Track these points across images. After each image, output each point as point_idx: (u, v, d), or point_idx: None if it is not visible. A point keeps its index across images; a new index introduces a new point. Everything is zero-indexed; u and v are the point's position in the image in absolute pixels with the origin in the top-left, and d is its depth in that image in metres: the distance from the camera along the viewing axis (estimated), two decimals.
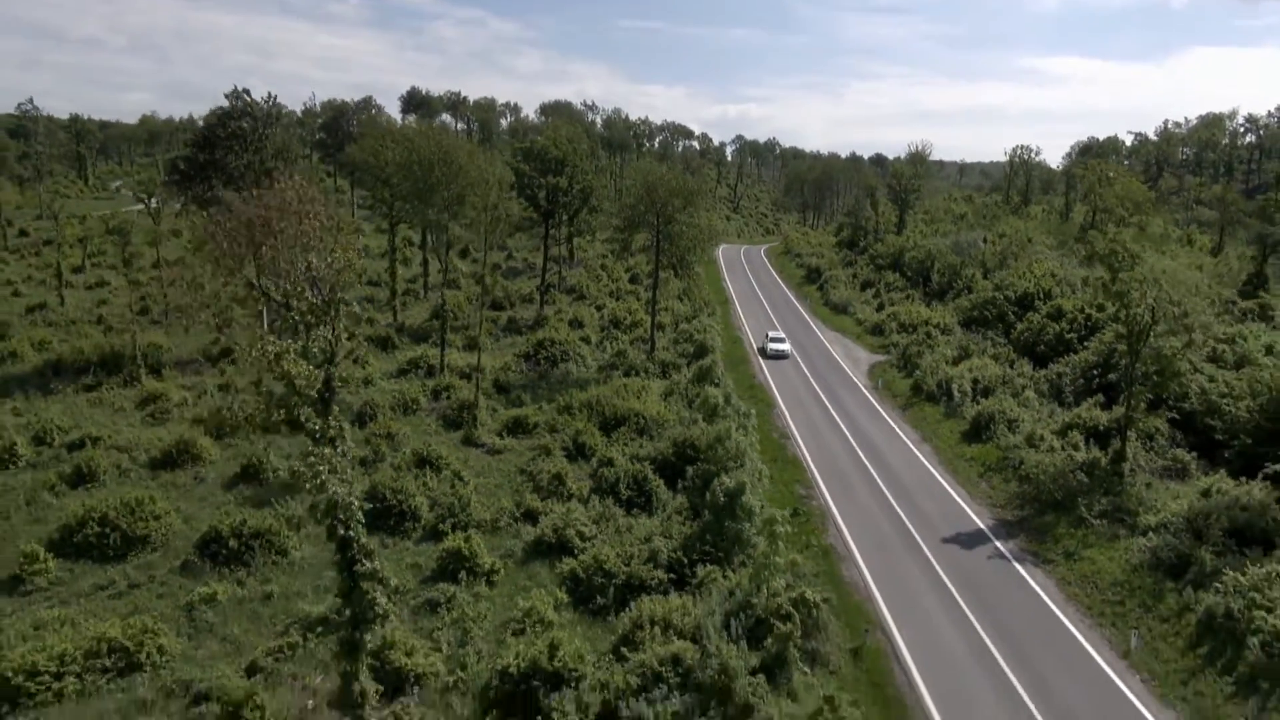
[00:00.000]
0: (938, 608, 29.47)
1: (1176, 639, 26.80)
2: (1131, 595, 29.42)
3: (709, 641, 24.67)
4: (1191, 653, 26.10)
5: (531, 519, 35.46)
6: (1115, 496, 35.51)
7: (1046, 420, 45.03)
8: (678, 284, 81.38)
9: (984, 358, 56.68)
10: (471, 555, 31.33)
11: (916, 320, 71.09)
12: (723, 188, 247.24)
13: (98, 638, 26.72)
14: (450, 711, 24.31)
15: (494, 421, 47.32)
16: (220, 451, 43.28)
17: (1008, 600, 30.05)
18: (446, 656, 26.48)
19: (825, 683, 24.57)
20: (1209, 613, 26.64)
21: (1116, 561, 31.42)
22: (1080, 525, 34.44)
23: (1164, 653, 26.49)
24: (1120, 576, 30.54)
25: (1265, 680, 24.03)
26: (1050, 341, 56.31)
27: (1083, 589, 30.61)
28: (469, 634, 27.59)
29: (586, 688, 24.30)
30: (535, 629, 27.13)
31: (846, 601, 29.63)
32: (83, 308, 77.17)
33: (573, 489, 37.95)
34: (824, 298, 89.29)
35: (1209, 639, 26.13)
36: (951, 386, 51.16)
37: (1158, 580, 29.49)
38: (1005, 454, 41.84)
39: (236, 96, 59.02)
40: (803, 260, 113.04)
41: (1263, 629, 24.98)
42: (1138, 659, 26.45)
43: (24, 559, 32.32)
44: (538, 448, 43.13)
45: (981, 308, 69.38)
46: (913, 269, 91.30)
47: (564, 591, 30.04)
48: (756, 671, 23.69)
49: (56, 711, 24.75)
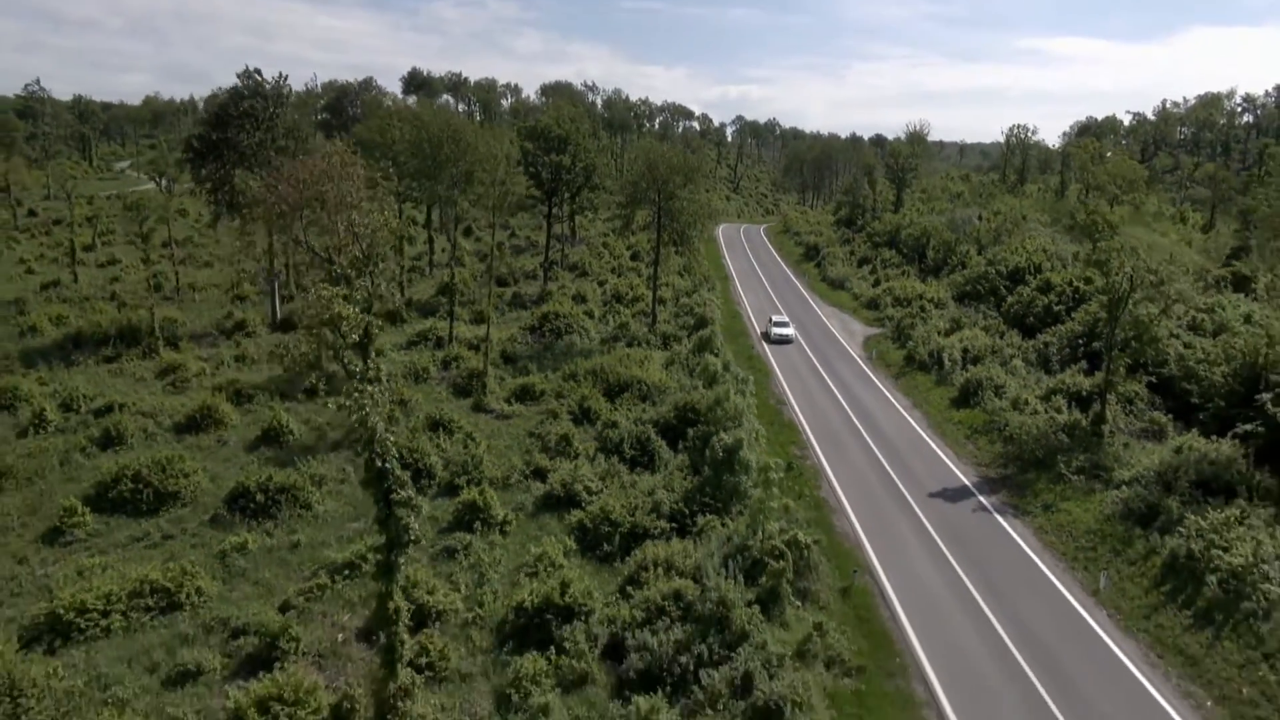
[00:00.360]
0: (922, 554, 31.53)
1: (1142, 579, 28.88)
2: (1103, 542, 31.49)
3: (708, 579, 26.70)
4: (1155, 590, 28.17)
5: (540, 476, 37.49)
6: (1093, 454, 37.50)
7: (1032, 386, 46.99)
8: (678, 260, 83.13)
9: (975, 329, 58.58)
10: (485, 507, 33.37)
11: (911, 295, 72.90)
12: (723, 168, 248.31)
13: (140, 580, 28.78)
14: (470, 643, 26.43)
15: (502, 389, 49.26)
16: (241, 417, 45.25)
17: (988, 547, 32.12)
18: (465, 596, 28.57)
19: (815, 616, 26.62)
20: (1172, 554, 28.70)
21: (1091, 512, 33.49)
22: (1059, 481, 36.47)
23: (1130, 591, 28.58)
24: (1094, 526, 32.60)
25: (1220, 613, 26.11)
26: (1039, 313, 58.16)
27: (1058, 537, 32.68)
28: (485, 576, 29.65)
29: (595, 620, 26.39)
30: (547, 571, 29.18)
31: (837, 548, 31.70)
32: (96, 285, 79.02)
33: (579, 449, 39.95)
34: (821, 274, 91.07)
35: (1172, 578, 28.19)
36: (942, 355, 53.09)
37: (1128, 528, 31.53)
38: (991, 417, 43.83)
39: (248, 76, 60.55)
40: (801, 238, 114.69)
41: (1220, 567, 27.02)
42: (1106, 597, 28.53)
43: (63, 512, 34.35)
44: (545, 412, 45.10)
45: (974, 282, 71.17)
46: (909, 246, 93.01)
47: (573, 540, 32.07)
48: (751, 604, 25.74)
49: (105, 644, 26.79)
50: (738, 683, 22.70)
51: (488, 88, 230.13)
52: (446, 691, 24.13)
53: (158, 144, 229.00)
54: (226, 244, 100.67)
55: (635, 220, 68.03)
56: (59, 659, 25.74)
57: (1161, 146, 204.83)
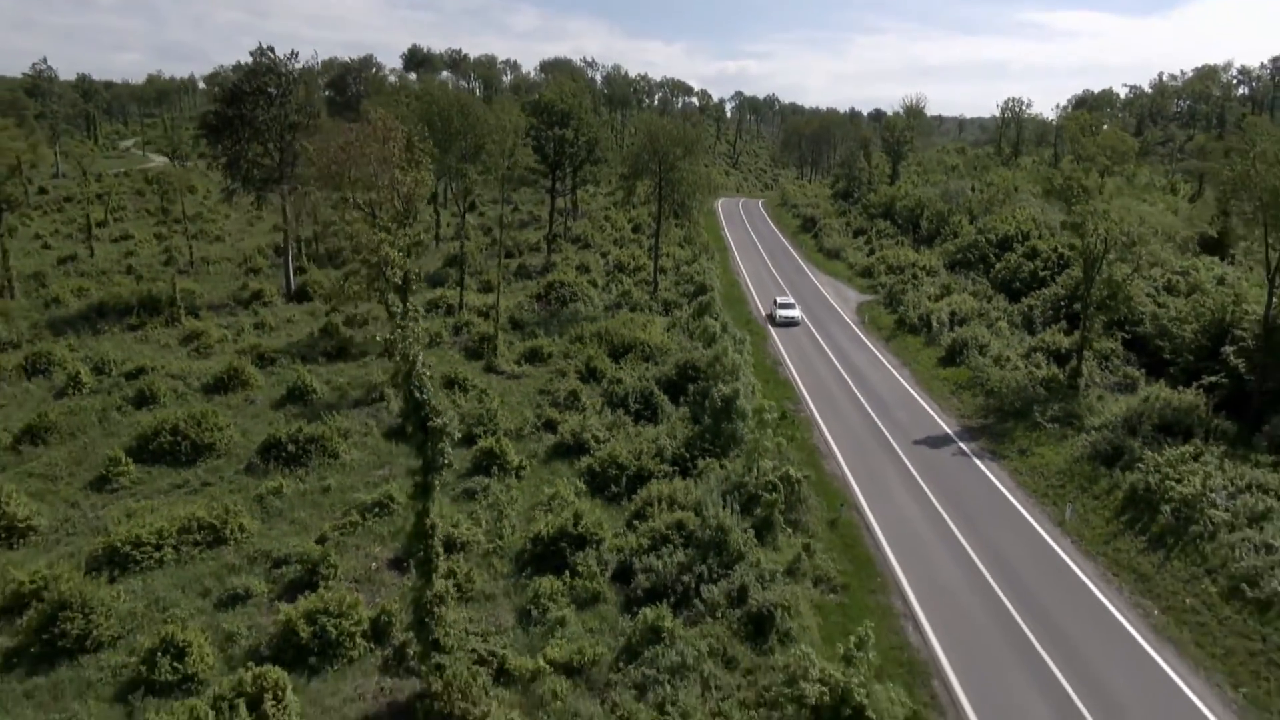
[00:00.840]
0: (904, 492, 34.22)
1: (1104, 510, 31.56)
2: (1071, 480, 34.16)
3: (708, 511, 29.33)
4: (1115, 520, 30.86)
5: (551, 428, 40.13)
6: (1067, 405, 40.09)
7: (1015, 346, 49.54)
8: (678, 232, 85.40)
9: (963, 294, 61.03)
10: (501, 453, 36.03)
11: (904, 263, 75.24)
12: (722, 143, 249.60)
13: (188, 517, 31.48)
14: (492, 568, 29.16)
15: (511, 352, 51.81)
16: (265, 378, 47.81)
17: (965, 486, 34.80)
18: (485, 530, 31.26)
19: (804, 541, 29.30)
20: (1132, 487, 31.36)
21: (1062, 455, 36.15)
22: (1035, 429, 39.09)
23: (1093, 521, 31.27)
24: (1063, 467, 35.27)
25: (1171, 537, 28.79)
26: (1025, 278, 60.60)
27: (1031, 477, 35.35)
28: (503, 513, 32.34)
29: (605, 548, 29.10)
30: (560, 508, 31.86)
31: (826, 487, 34.37)
32: (111, 259, 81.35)
33: (586, 404, 42.57)
34: (818, 245, 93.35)
35: (1130, 509, 30.86)
36: (931, 319, 55.60)
37: (1094, 467, 34.18)
38: (975, 374, 46.40)
39: (261, 54, 62.56)
40: (799, 211, 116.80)
41: (1173, 497, 29.67)
42: (1070, 526, 31.23)
43: (109, 462, 36.99)
44: (553, 372, 47.70)
45: (965, 250, 73.51)
46: (903, 217, 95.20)
47: (583, 482, 34.74)
48: (747, 531, 28.41)
49: (160, 574, 29.50)
50: (734, 594, 25.42)
51: (488, 64, 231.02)
52: (473, 609, 26.89)
53: (160, 122, 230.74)
54: (237, 219, 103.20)
55: (637, 192, 70.23)
56: (119, 586, 28.44)
57: (1158, 119, 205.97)
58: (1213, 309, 42.83)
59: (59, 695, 23.83)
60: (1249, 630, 24.31)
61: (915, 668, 23.62)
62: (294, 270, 68.89)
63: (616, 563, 28.86)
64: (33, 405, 43.99)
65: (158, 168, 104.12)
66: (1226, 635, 24.48)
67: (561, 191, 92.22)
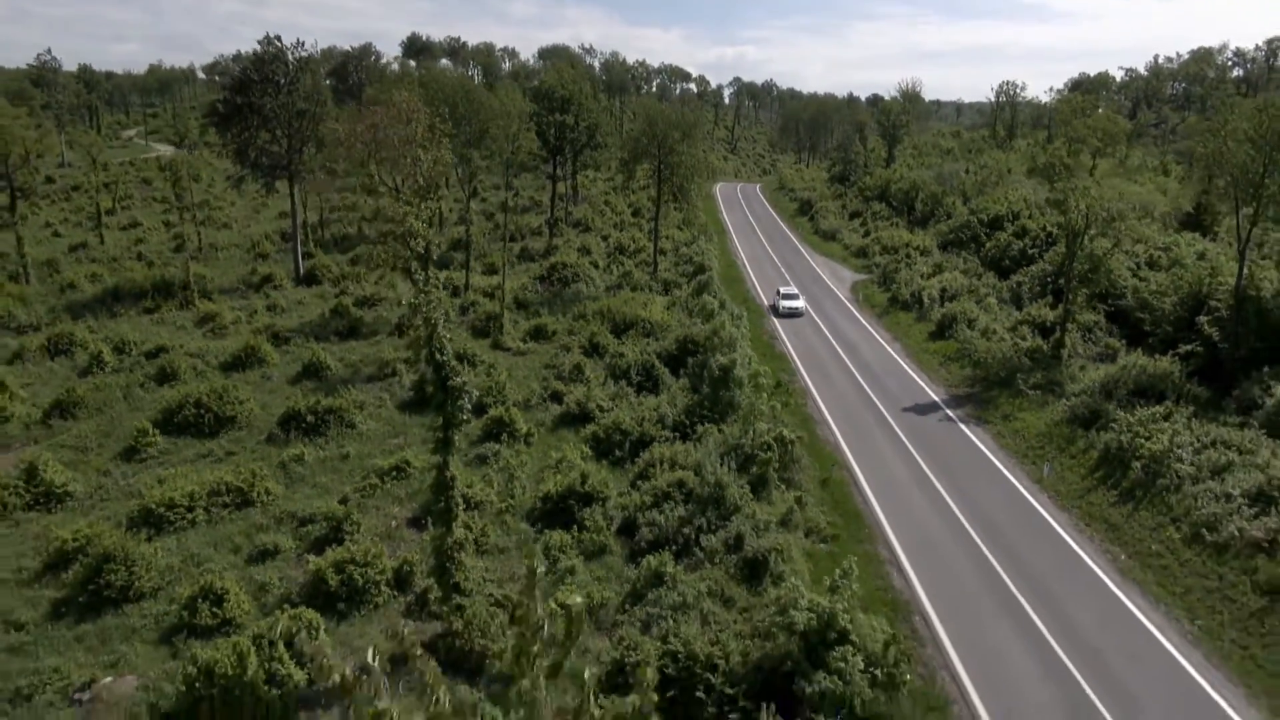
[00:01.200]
0: (893, 454, 36.16)
1: (1080, 468, 33.50)
2: (1050, 442, 36.11)
3: (706, 470, 31.27)
4: (1090, 476, 32.80)
5: (557, 399, 42.04)
6: (1050, 374, 41.98)
7: (1003, 320, 51.40)
8: (677, 215, 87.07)
9: (954, 272, 62.84)
10: (510, 422, 37.95)
11: (898, 244, 76.93)
12: (720, 129, 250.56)
13: (217, 482, 33.44)
14: (505, 525, 31.11)
15: (517, 330, 53.67)
16: (280, 356, 49.69)
17: (951, 449, 36.73)
18: (498, 491, 33.21)
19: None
20: (1105, 446, 33.29)
21: (1043, 419, 38.08)
22: (1018, 396, 41.00)
23: (1069, 478, 33.21)
24: (1044, 430, 37.21)
25: (1140, 490, 30.74)
26: (1014, 256, 62.41)
27: (1012, 440, 37.30)
28: (514, 476, 34.28)
29: (611, 505, 31.06)
30: (567, 470, 33.79)
31: (819, 450, 36.30)
32: (121, 246, 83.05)
33: (590, 377, 44.47)
34: (814, 227, 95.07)
35: (1104, 466, 32.81)
36: (922, 295, 57.43)
37: (1072, 430, 36.11)
38: (963, 346, 48.27)
39: (269, 43, 64.08)
40: (795, 194, 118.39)
41: (1143, 454, 31.60)
42: (1048, 482, 33.19)
43: (137, 434, 38.91)
44: (558, 348, 49.58)
45: (957, 230, 75.27)
46: (898, 199, 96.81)
47: (588, 447, 36.67)
48: (743, 487, 30.35)
49: (193, 533, 31.47)
50: (730, 542, 27.38)
51: (486, 52, 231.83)
52: (488, 560, 28.85)
53: (162, 111, 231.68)
54: (243, 206, 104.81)
55: (636, 176, 71.84)
56: (155, 544, 30.38)
57: (1153, 102, 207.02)
58: (1190, 282, 44.68)
59: (106, 639, 25.81)
60: (1206, 570, 26.29)
61: (898, 606, 25.60)
62: (302, 255, 70.59)
63: (621, 518, 30.81)
64: (58, 383, 45.90)
65: (169, 155, 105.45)
66: (1186, 575, 26.47)
67: (562, 176, 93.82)
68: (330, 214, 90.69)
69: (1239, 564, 25.94)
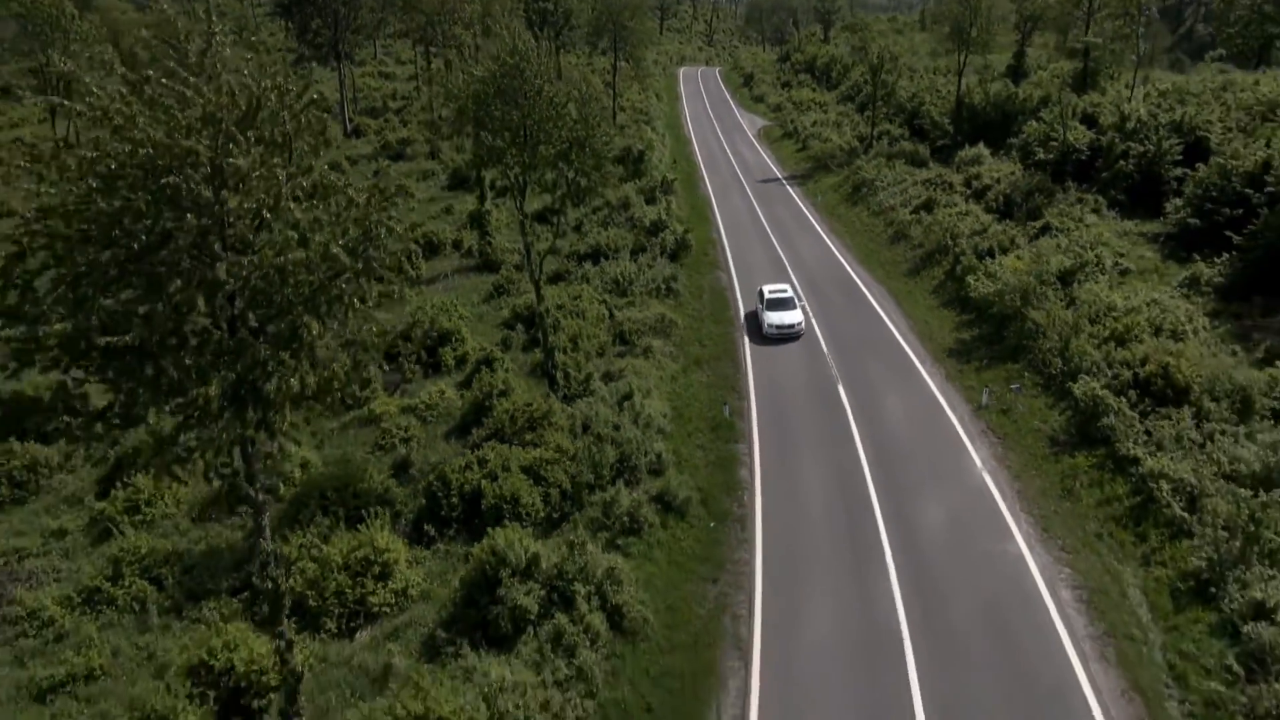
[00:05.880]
0: (739, 199, 61.28)
1: (839, 197, 58.59)
2: (833, 190, 61.15)
3: (632, 196, 56.26)
4: (843, 202, 57.92)
5: None
6: (852, 160, 66.50)
7: (848, 133, 75.70)
8: (638, 86, 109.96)
9: (829, 112, 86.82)
10: None
11: (807, 101, 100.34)
12: (699, 23, 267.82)
13: None
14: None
15: None
16: (358, 165, 74.05)
17: (775, 196, 61.77)
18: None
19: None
20: (853, 185, 58.35)
21: (833, 180, 63.05)
22: (828, 172, 65.80)
23: (831, 202, 58.33)
24: (830, 185, 62.24)
25: (859, 198, 55.96)
26: (867, 95, 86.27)
27: (813, 190, 62.37)
28: None
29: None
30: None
31: (697, 197, 61.36)
32: None
33: None
34: (750, 93, 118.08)
35: (852, 197, 57.91)
36: (798, 127, 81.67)
37: (845, 185, 61.02)
38: (803, 144, 72.96)
39: None
40: (744, 72, 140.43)
41: (867, 181, 56.64)
42: (819, 205, 58.29)
43: None
44: None
45: (850, 88, 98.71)
46: (820, 70, 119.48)
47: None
48: (638, 197, 55.46)
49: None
50: (631, 217, 52.63)
51: None
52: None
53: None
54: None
55: (599, 49, 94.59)
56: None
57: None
58: (946, 97, 68.98)
59: None
60: (873, 229, 51.63)
61: (714, 243, 50.98)
62: (349, 117, 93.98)
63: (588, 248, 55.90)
64: None
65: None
66: (860, 230, 51.95)
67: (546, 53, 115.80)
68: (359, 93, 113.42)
69: (884, 223, 51.37)
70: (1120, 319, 31.19)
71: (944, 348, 35.20)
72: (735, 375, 34.36)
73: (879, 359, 34.59)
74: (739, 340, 37.70)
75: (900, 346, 35.61)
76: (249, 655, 20.31)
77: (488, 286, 45.38)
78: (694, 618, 21.43)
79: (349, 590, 22.79)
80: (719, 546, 24.14)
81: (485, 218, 52.13)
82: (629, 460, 26.55)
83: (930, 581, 21.77)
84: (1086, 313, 32.44)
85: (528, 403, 29.44)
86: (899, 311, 39.46)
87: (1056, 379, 30.11)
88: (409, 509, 26.60)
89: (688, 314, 40.39)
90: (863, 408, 30.61)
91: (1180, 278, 35.54)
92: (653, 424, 28.61)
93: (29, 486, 31.83)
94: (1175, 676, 18.43)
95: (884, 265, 46.03)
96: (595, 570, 21.12)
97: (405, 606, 22.84)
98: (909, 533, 23.68)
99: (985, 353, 33.97)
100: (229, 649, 20.49)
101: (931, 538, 23.43)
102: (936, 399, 30.99)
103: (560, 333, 35.51)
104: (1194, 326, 31.13)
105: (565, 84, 34.72)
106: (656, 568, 23.07)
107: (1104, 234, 40.29)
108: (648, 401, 30.17)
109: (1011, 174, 50.42)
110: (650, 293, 41.68)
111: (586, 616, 20.11)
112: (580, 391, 31.90)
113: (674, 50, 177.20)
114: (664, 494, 25.43)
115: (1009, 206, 46.82)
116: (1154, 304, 32.56)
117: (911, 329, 37.38)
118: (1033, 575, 21.68)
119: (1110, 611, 20.40)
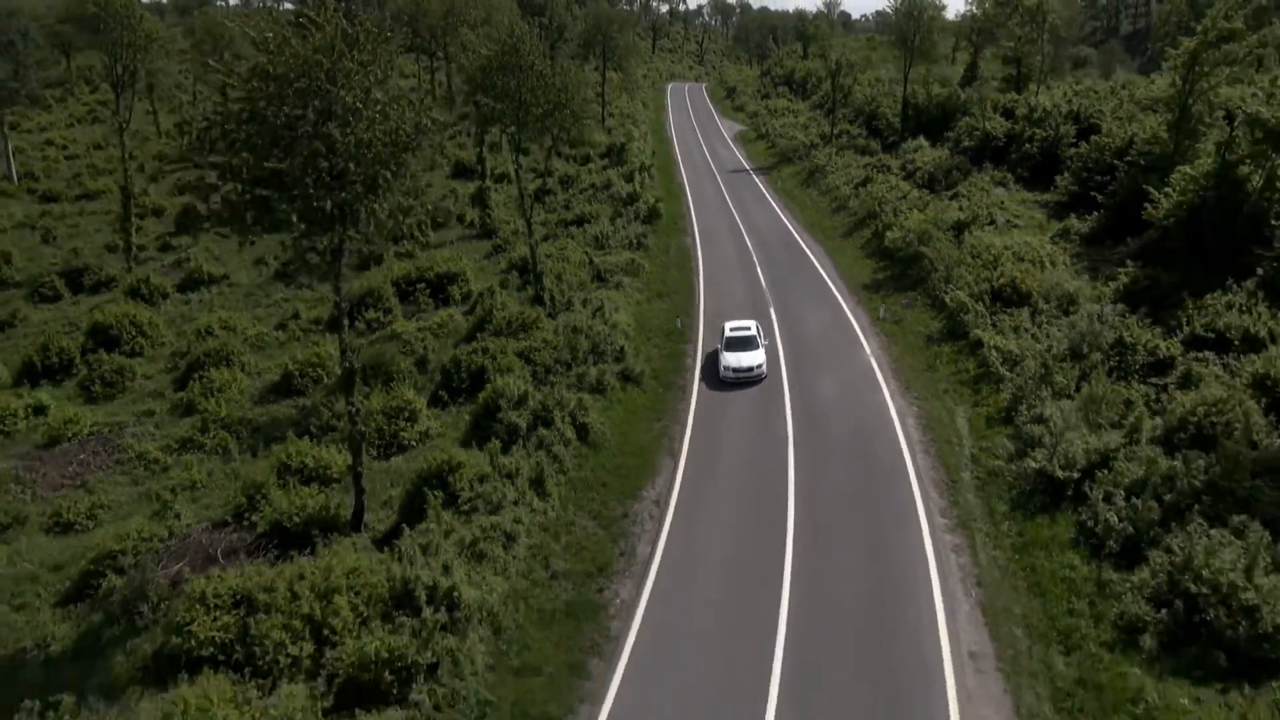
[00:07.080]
0: (711, 187, 69.47)
1: (795, 183, 66.81)
2: (793, 178, 69.36)
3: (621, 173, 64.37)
4: (799, 186, 66.11)
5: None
6: (813, 153, 74.76)
7: (813, 132, 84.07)
8: (626, 95, 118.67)
9: (800, 118, 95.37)
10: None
11: (782, 108, 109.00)
12: (690, 43, 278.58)
13: None
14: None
15: None
16: None
17: (743, 184, 69.97)
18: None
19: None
20: (808, 171, 66.55)
21: (793, 169, 71.30)
22: (790, 164, 74.06)
23: (788, 187, 66.52)
24: (790, 174, 70.47)
25: (810, 182, 64.22)
26: (836, 101, 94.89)
27: (774, 180, 70.54)
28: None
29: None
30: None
31: (673, 185, 69.49)
32: None
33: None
34: (732, 103, 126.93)
35: (805, 180, 66.11)
36: (769, 130, 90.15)
37: (803, 173, 69.25)
38: (773, 143, 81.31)
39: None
40: (728, 85, 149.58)
41: (819, 166, 64.87)
42: (777, 188, 66.44)
43: None
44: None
45: (822, 99, 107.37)
46: (797, 83, 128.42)
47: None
48: (623, 180, 63.59)
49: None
50: (617, 192, 60.72)
51: None
52: None
53: None
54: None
55: (589, 59, 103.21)
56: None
57: None
58: (899, 100, 77.41)
59: None
60: (820, 205, 59.75)
61: (684, 215, 59.03)
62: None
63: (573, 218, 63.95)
64: None
65: None
66: (810, 206, 60.09)
67: None
68: None
69: (830, 200, 59.52)
70: (994, 254, 39.18)
71: (861, 284, 43.20)
72: (689, 305, 42.27)
73: (806, 290, 42.61)
74: (695, 284, 45.64)
75: (825, 283, 43.62)
76: (318, 456, 28.14)
77: (488, 248, 53.36)
78: (642, 439, 29.25)
79: (386, 428, 30.57)
80: (664, 402, 32.00)
81: (486, 194, 60.11)
82: (599, 348, 34.33)
83: (816, 415, 29.66)
84: (969, 250, 40.46)
85: (520, 312, 37.38)
86: (830, 261, 47.48)
87: (940, 299, 38.04)
88: (427, 387, 34.40)
89: (656, 263, 48.36)
90: (787, 321, 38.55)
91: (1056, 230, 43.61)
92: (619, 327, 36.45)
93: (118, 385, 39.66)
94: (972, 459, 26.27)
95: (824, 230, 54.12)
96: (569, 403, 28.92)
97: (426, 443, 30.56)
98: (806, 391, 31.56)
99: (892, 286, 41.97)
100: (301, 454, 28.31)
101: (822, 392, 31.34)
102: (846, 315, 38.95)
103: (549, 271, 43.42)
104: (1054, 261, 39.12)
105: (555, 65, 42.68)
106: (616, 413, 30.87)
107: (1002, 199, 48.43)
108: (617, 315, 38.05)
109: (940, 159, 58.71)
110: (624, 245, 49.65)
111: (562, 429, 27.88)
112: (564, 309, 39.76)
113: (665, 68, 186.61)
114: (624, 370, 33.24)
115: (931, 182, 55.04)
116: (1026, 245, 40.56)
117: (838, 272, 45.37)
118: (890, 411, 29.54)
119: (939, 429, 28.26)
